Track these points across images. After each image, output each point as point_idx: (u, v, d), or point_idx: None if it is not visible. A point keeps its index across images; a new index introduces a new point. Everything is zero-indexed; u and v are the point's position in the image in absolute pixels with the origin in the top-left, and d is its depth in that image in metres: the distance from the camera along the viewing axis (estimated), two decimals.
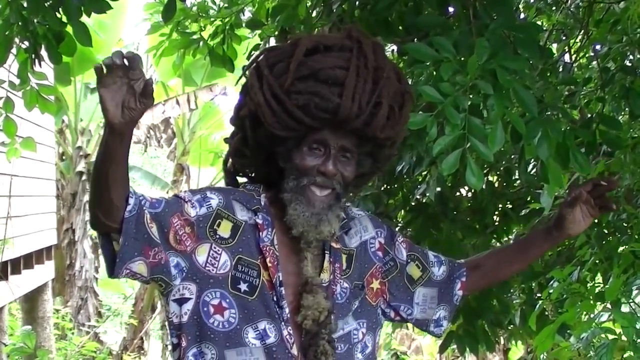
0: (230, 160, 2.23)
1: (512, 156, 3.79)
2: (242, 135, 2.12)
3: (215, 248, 2.01)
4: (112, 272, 1.92)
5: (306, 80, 1.99)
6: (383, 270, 2.21)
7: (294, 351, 2.01)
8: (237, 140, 2.15)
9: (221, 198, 2.06)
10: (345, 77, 1.99)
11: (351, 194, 2.18)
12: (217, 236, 2.02)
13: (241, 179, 2.26)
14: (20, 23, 3.19)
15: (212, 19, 4.35)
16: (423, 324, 2.29)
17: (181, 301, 2.01)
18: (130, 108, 1.75)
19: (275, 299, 2.02)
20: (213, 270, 2.01)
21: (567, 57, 3.80)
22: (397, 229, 4.24)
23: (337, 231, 2.07)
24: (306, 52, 2.02)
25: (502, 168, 4.12)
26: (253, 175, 2.19)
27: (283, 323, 2.02)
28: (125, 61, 1.73)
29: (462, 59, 2.26)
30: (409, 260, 2.23)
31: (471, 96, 2.20)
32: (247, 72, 2.15)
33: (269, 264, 2.03)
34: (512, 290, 4.09)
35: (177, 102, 12.27)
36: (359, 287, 2.15)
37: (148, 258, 1.92)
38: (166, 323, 2.14)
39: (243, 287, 2.01)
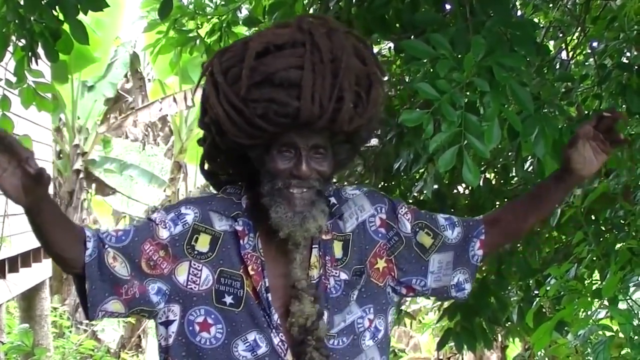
0: (205, 164, 2.16)
1: (510, 153, 3.79)
2: (212, 139, 2.04)
3: (194, 265, 1.95)
4: (87, 316, 1.91)
5: (261, 87, 1.89)
6: (388, 248, 2.09)
7: (288, 358, 1.95)
8: (209, 144, 2.07)
9: (197, 212, 1.98)
10: (300, 78, 1.88)
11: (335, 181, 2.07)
12: (196, 252, 1.96)
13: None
14: (17, 21, 3.18)
15: (209, 17, 4.35)
16: (442, 292, 2.16)
17: (167, 323, 1.97)
18: (32, 188, 1.71)
19: (262, 307, 1.95)
20: (195, 287, 1.95)
21: (564, 54, 3.80)
22: None
23: (324, 225, 1.98)
24: (257, 54, 1.91)
25: (499, 165, 4.12)
26: (232, 175, 2.12)
27: (273, 331, 1.95)
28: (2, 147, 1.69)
29: (459, 56, 2.25)
30: (416, 230, 2.10)
31: (468, 93, 2.20)
32: (204, 77, 2.05)
33: (252, 272, 1.96)
34: (509, 288, 4.10)
35: (174, 100, 12.27)
36: (358, 275, 2.05)
37: (121, 296, 1.89)
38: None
39: (228, 300, 1.95)
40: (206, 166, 2.15)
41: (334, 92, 1.89)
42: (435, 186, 3.93)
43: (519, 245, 4.03)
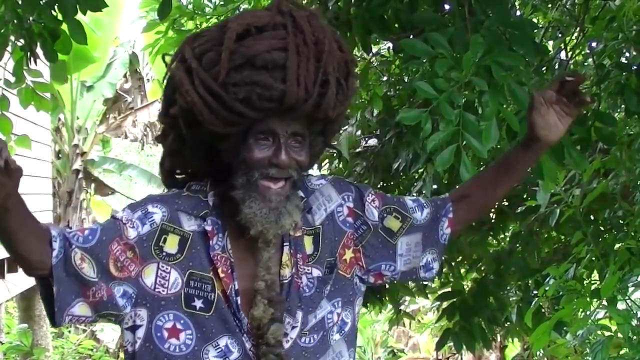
0: (167, 161, 2.03)
1: None
2: (177, 133, 1.92)
3: (163, 267, 1.85)
4: (54, 322, 1.80)
5: (242, 70, 1.77)
6: (356, 237, 2.01)
7: None
8: (172, 139, 1.95)
9: (165, 211, 1.88)
10: (285, 59, 1.78)
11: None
12: (164, 253, 1.85)
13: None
14: (15, 21, 3.18)
15: (207, 17, 4.36)
16: (411, 274, 2.08)
17: (133, 328, 1.86)
18: (1, 182, 1.61)
19: (232, 310, 1.86)
20: (163, 291, 1.84)
21: (563, 54, 3.80)
22: None
23: (299, 220, 1.89)
24: (236, 37, 1.79)
25: None
26: (197, 172, 1.99)
27: (245, 335, 1.86)
28: None
29: (457, 55, 2.25)
30: (384, 215, 2.02)
31: (466, 92, 2.20)
32: (171, 66, 1.93)
33: (222, 274, 1.86)
34: (508, 288, 4.10)
35: None
36: (328, 269, 1.97)
37: (88, 298, 1.79)
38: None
39: (198, 304, 1.85)
40: (167, 164, 2.03)
41: (319, 76, 1.81)
42: (434, 186, 3.93)
43: (518, 245, 4.03)
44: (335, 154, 4.66)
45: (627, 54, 3.46)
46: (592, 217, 3.53)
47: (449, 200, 2.08)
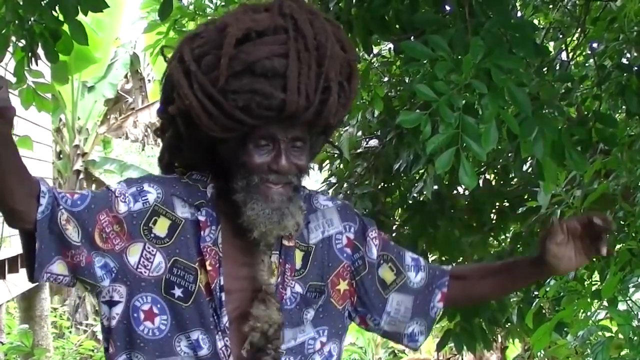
0: (166, 155, 2.00)
1: (509, 154, 3.79)
2: (175, 130, 1.89)
3: (149, 248, 1.81)
4: (32, 277, 1.75)
5: (242, 77, 1.74)
6: (352, 270, 1.96)
7: None
8: (171, 135, 1.92)
9: (160, 192, 1.83)
10: (285, 67, 1.73)
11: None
12: (152, 235, 1.81)
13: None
14: (16, 21, 3.18)
15: (209, 17, 4.35)
16: (394, 337, 2.04)
17: (111, 303, 1.82)
18: None
19: (213, 306, 1.81)
20: (145, 272, 1.80)
21: (564, 55, 3.80)
22: (394, 227, 4.26)
23: (301, 224, 1.85)
24: (236, 42, 1.75)
25: (499, 166, 4.13)
26: (197, 165, 1.94)
27: (220, 333, 1.81)
28: None
29: (458, 57, 2.25)
30: (380, 262, 1.98)
31: (466, 95, 2.19)
32: (170, 64, 1.89)
33: (209, 267, 1.81)
34: None
35: None
36: (317, 292, 1.91)
37: (67, 258, 1.76)
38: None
39: (177, 292, 1.81)
40: (166, 159, 2.01)
41: (320, 83, 1.76)
42: (435, 187, 3.93)
43: (519, 246, 4.03)
44: (336, 155, 4.66)
45: (628, 55, 3.46)
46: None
47: (447, 274, 2.03)
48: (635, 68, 2.93)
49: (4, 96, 1.58)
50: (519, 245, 4.02)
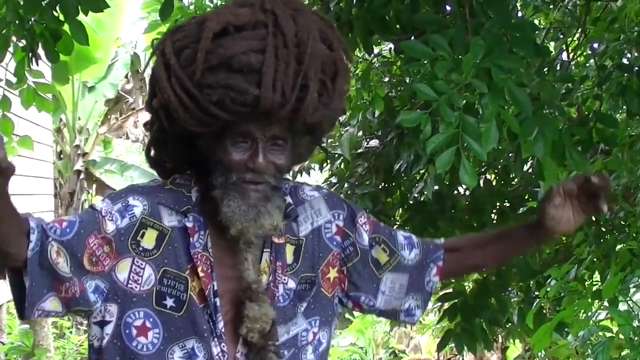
0: (152, 149, 1.96)
1: (510, 154, 3.79)
2: (160, 124, 1.86)
3: (137, 262, 1.78)
4: (22, 315, 1.71)
5: (217, 71, 1.71)
6: (342, 258, 1.94)
7: None
8: (156, 130, 1.90)
9: (146, 204, 1.81)
10: (262, 63, 1.70)
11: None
12: (140, 248, 1.78)
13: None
14: (17, 22, 3.18)
15: None
16: (391, 315, 2.02)
17: (102, 324, 1.80)
18: None
19: (208, 312, 1.79)
20: (136, 287, 1.78)
21: (564, 55, 3.80)
22: (395, 227, 4.26)
23: (280, 224, 1.81)
24: (214, 35, 1.72)
25: (499, 166, 4.13)
26: (180, 163, 1.92)
27: (215, 339, 1.79)
28: None
29: (458, 57, 2.25)
30: (373, 244, 1.95)
31: (466, 95, 2.20)
32: (154, 56, 1.86)
33: (201, 273, 1.79)
34: (510, 289, 4.10)
35: None
36: (308, 284, 1.89)
37: (60, 293, 1.71)
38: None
39: (169, 302, 1.78)
40: (152, 153, 1.97)
41: (298, 80, 1.72)
42: (436, 187, 3.93)
43: None
44: (336, 155, 4.66)
45: (629, 55, 3.47)
46: (593, 218, 3.52)
47: (441, 248, 2.01)
48: (636, 68, 2.93)
49: (1, 156, 1.55)
50: None
